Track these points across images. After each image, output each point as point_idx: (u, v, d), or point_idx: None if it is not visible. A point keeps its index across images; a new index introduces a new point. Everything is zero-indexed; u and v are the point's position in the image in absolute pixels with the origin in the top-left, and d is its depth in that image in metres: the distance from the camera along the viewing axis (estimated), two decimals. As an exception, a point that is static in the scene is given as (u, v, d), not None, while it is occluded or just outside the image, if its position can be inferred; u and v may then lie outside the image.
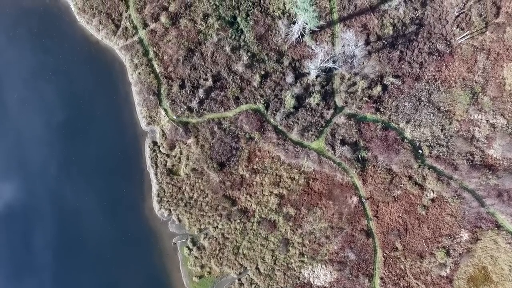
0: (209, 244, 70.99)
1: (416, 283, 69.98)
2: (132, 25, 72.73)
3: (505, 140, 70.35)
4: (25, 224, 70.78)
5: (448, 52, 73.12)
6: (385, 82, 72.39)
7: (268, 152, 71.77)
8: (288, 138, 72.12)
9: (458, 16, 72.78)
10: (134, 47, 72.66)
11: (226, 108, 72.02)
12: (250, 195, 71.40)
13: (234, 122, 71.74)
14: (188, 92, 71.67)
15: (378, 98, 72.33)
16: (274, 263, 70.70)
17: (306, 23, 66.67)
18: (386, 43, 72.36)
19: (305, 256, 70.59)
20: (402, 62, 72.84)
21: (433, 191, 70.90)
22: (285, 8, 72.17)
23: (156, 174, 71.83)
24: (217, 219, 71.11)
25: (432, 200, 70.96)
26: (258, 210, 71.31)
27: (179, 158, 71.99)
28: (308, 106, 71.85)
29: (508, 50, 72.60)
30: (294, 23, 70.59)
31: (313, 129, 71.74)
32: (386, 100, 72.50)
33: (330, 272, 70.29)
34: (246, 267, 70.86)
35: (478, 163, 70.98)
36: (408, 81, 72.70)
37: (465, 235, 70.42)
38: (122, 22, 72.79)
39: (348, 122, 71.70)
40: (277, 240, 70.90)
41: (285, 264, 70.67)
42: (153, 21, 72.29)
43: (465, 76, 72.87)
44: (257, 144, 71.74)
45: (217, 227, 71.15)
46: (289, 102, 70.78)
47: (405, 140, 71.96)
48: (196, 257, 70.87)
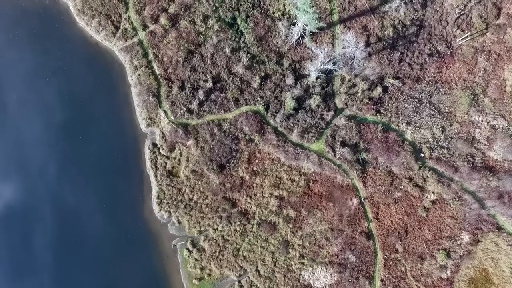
0: (209, 246, 70.77)
1: (416, 285, 69.73)
2: (131, 26, 72.56)
3: (506, 141, 70.12)
4: (25, 225, 70.46)
5: (448, 53, 72.90)
6: (385, 83, 72.17)
7: (268, 154, 71.59)
8: (288, 139, 71.91)
9: (458, 18, 72.58)
10: (134, 49, 72.47)
11: (226, 109, 71.81)
12: (250, 197, 71.19)
13: (234, 124, 71.53)
14: (188, 93, 71.48)
15: (378, 99, 72.12)
16: (274, 265, 70.47)
17: (306, 25, 66.46)
18: (386, 44, 72.14)
19: (305, 258, 70.36)
20: (402, 63, 72.64)
21: (433, 193, 70.68)
22: (285, 10, 71.98)
23: (155, 176, 71.62)
24: (217, 221, 70.91)
25: (433, 202, 70.72)
26: (258, 212, 71.11)
27: (179, 160, 71.81)
28: (308, 107, 71.65)
29: (508, 51, 72.38)
30: (294, 24, 70.38)
31: (313, 131, 71.53)
32: (387, 101, 72.27)
33: (331, 274, 70.07)
34: (246, 269, 70.65)
35: (479, 165, 70.78)
36: (408, 82, 72.48)
37: (465, 237, 70.22)
38: (122, 24, 72.62)
39: (348, 124, 71.49)
40: (277, 242, 70.69)
41: (285, 266, 70.45)
42: (152, 22, 72.12)
43: (466, 77, 72.67)
44: (257, 146, 71.54)
45: (217, 229, 70.93)
46: (289, 103, 70.59)
47: (405, 141, 71.74)
48: (196, 259, 70.64)
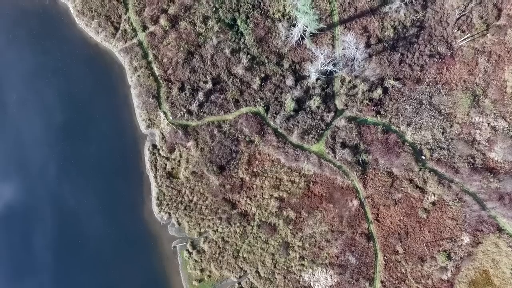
0: (209, 248, 70.62)
1: (417, 287, 69.54)
2: (131, 27, 72.40)
3: (507, 143, 70.01)
4: (24, 225, 70.34)
5: (449, 54, 72.79)
6: (385, 84, 72.02)
7: (268, 155, 71.44)
8: (288, 141, 71.75)
9: (459, 19, 72.45)
10: (134, 50, 72.31)
11: (226, 111, 71.66)
12: (250, 198, 71.04)
13: (234, 125, 71.37)
14: (188, 95, 71.32)
15: (378, 101, 71.97)
16: (274, 267, 70.31)
17: (307, 26, 66.30)
18: (386, 45, 71.98)
19: (306, 260, 70.22)
20: (402, 64, 72.49)
21: (434, 194, 70.55)
22: (285, 11, 71.83)
23: (155, 177, 71.46)
24: (217, 222, 70.75)
25: (433, 204, 70.59)
26: (258, 213, 70.96)
27: (179, 161, 71.66)
28: (308, 109, 71.49)
29: (509, 52, 72.24)
30: (294, 25, 70.22)
31: (313, 132, 71.38)
32: (387, 103, 72.12)
33: (331, 275, 69.93)
34: (246, 271, 70.51)
35: (479, 166, 70.65)
36: (409, 83, 72.36)
37: (466, 239, 70.08)
38: (121, 25, 72.46)
39: (348, 125, 71.35)
40: (277, 243, 70.54)
41: (285, 267, 70.29)
42: (152, 23, 71.95)
43: (466, 78, 72.53)
44: (257, 147, 71.39)
45: (217, 230, 70.77)
46: (289, 105, 70.45)
47: (405, 143, 71.61)
48: (196, 261, 70.48)
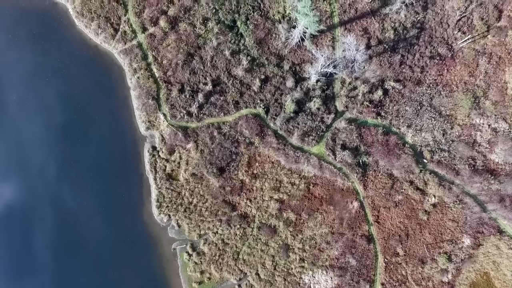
0: (209, 250, 70.43)
1: (417, 289, 69.58)
2: (131, 29, 72.20)
3: (507, 144, 69.82)
4: (24, 226, 70.19)
5: (449, 56, 72.61)
6: (386, 86, 71.85)
7: (268, 157, 71.24)
8: (289, 143, 71.56)
9: (459, 20, 72.28)
10: (133, 51, 72.12)
11: (226, 112, 71.46)
12: (250, 200, 70.85)
13: (234, 127, 71.18)
14: (188, 96, 71.13)
15: (379, 102, 71.78)
16: (275, 269, 70.13)
17: (307, 28, 66.12)
18: (387, 47, 71.81)
19: (306, 262, 70.02)
20: (403, 66, 72.33)
21: (434, 196, 70.37)
22: (285, 12, 71.63)
23: (155, 179, 71.27)
24: (217, 224, 70.56)
25: (434, 205, 70.40)
26: (258, 215, 70.77)
27: (179, 163, 71.46)
28: (308, 110, 71.31)
29: (510, 54, 72.08)
30: (294, 27, 70.01)
31: (313, 134, 71.19)
32: (387, 104, 71.94)
33: (331, 277, 69.74)
34: (246, 273, 70.31)
35: (480, 168, 70.45)
36: (409, 85, 72.17)
37: (467, 241, 69.89)
38: (121, 26, 72.27)
39: (348, 127, 71.16)
40: (277, 245, 70.36)
41: (285, 269, 70.10)
42: (152, 25, 71.77)
43: (467, 80, 72.34)
44: (257, 149, 71.20)
45: (217, 232, 70.58)
46: (289, 106, 70.26)
47: (406, 145, 71.43)
48: (196, 263, 70.30)
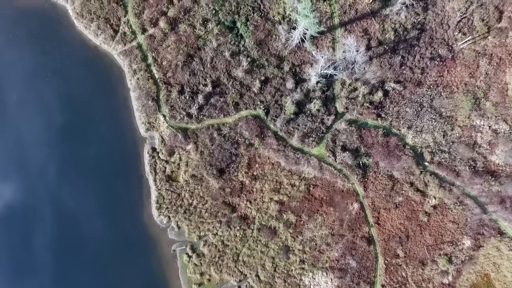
0: (209, 251, 70.31)
1: (417, 291, 69.45)
2: (130, 30, 72.05)
3: (508, 146, 69.64)
4: (23, 226, 70.23)
5: (450, 57, 72.40)
6: (386, 87, 71.67)
7: (268, 158, 71.09)
8: (289, 144, 71.41)
9: (460, 21, 72.07)
10: (133, 52, 71.97)
11: (226, 114, 71.30)
12: (250, 202, 70.72)
13: (233, 128, 71.03)
14: (187, 98, 70.98)
15: (379, 103, 71.60)
16: (275, 271, 69.98)
17: (307, 29, 65.91)
18: (387, 48, 71.62)
19: (306, 263, 69.89)
20: (403, 67, 72.14)
21: (435, 198, 70.21)
22: (285, 13, 71.41)
23: (155, 180, 71.17)
24: (216, 226, 70.44)
25: (434, 207, 70.24)
26: (258, 217, 70.63)
27: (178, 164, 71.33)
28: (308, 112, 71.14)
29: (510, 55, 71.83)
30: (294, 28, 69.83)
31: (313, 135, 71.03)
32: (388, 105, 71.77)
33: (331, 279, 69.61)
34: (246, 275, 70.18)
35: (481, 169, 70.28)
36: (409, 86, 71.99)
37: (467, 242, 69.73)
38: (121, 27, 72.11)
39: (349, 128, 71.00)
40: (277, 247, 70.21)
41: (285, 271, 69.96)
42: (152, 26, 71.62)
43: (467, 81, 72.17)
44: (257, 151, 71.04)
45: (216, 234, 70.46)
46: (290, 108, 70.10)
47: (406, 146, 71.25)
48: (196, 264, 70.19)
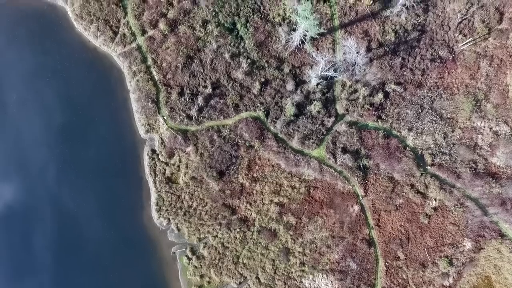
0: (209, 253, 70.17)
1: (418, 293, 69.27)
2: (130, 31, 71.78)
3: (509, 148, 69.43)
4: (23, 226, 70.22)
5: (450, 58, 72.14)
6: (386, 89, 71.41)
7: (268, 160, 70.90)
8: (289, 146, 71.20)
9: (460, 22, 71.82)
10: (132, 54, 71.75)
11: (226, 115, 71.09)
12: (250, 204, 70.54)
13: (233, 130, 70.82)
14: (187, 99, 70.78)
15: (379, 105, 71.38)
16: (275, 273, 69.85)
17: (307, 31, 65.69)
18: (387, 49, 71.35)
19: (306, 266, 69.76)
20: (404, 69, 71.89)
21: (435, 200, 70.01)
22: (285, 15, 71.12)
23: (154, 182, 70.99)
24: (216, 228, 70.28)
25: (435, 209, 70.05)
26: (258, 219, 70.46)
27: (178, 166, 71.15)
28: (308, 113, 70.91)
29: (511, 56, 71.58)
30: (294, 29, 69.58)
31: (314, 137, 70.83)
32: (388, 107, 71.54)
33: (331, 281, 69.45)
34: (246, 277, 70.05)
35: (481, 171, 70.09)
36: (410, 88, 71.76)
37: (468, 244, 69.57)
38: (120, 29, 71.89)
39: (349, 130, 70.77)
40: (277, 249, 70.06)
41: (285, 273, 69.81)
42: (151, 27, 71.36)
43: (468, 83, 71.95)
44: (257, 152, 70.84)
45: (216, 236, 70.32)
46: (290, 109, 69.89)
47: (407, 148, 71.04)
48: (196, 267, 70.09)
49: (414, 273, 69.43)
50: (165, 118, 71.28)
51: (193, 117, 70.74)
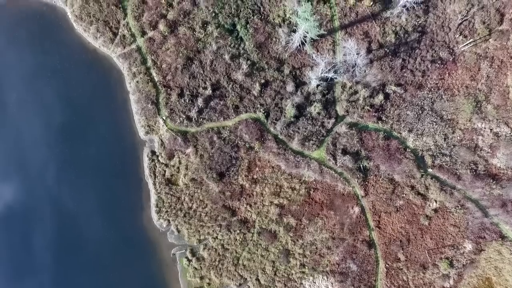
0: (209, 255, 70.02)
1: (418, 295, 69.10)
2: (130, 33, 71.61)
3: (509, 149, 69.28)
4: (23, 227, 70.09)
5: (451, 60, 72.02)
6: (387, 90, 71.28)
7: (268, 161, 70.74)
8: (289, 147, 71.03)
9: (461, 24, 71.69)
10: (132, 55, 71.58)
11: (226, 117, 70.93)
12: (250, 205, 70.38)
13: (233, 132, 70.66)
14: (187, 101, 70.62)
15: (380, 107, 71.25)
16: (275, 274, 69.70)
17: (307, 32, 65.52)
18: (388, 51, 71.18)
19: (306, 267, 69.60)
20: (404, 70, 71.75)
21: (436, 201, 69.87)
22: (285, 16, 70.94)
23: (154, 184, 70.83)
24: (216, 229, 70.11)
25: (435, 210, 69.92)
26: (258, 220, 70.31)
27: (178, 168, 70.99)
28: (309, 115, 70.75)
29: (512, 57, 71.63)
30: (294, 31, 69.42)
31: (314, 139, 70.67)
32: (388, 109, 71.39)
33: (332, 283, 69.30)
34: (246, 278, 69.90)
35: (482, 172, 69.94)
36: (410, 89, 71.60)
37: (468, 246, 69.43)
38: (120, 30, 71.72)
39: (349, 131, 70.63)
40: (277, 251, 69.91)
41: (285, 275, 69.65)
42: (151, 29, 71.18)
43: (468, 84, 71.80)
44: (257, 154, 70.69)
45: (216, 237, 70.16)
46: (290, 111, 69.73)
47: (407, 149, 70.88)
48: (196, 268, 69.96)
49: (415, 275, 69.28)
50: (165, 120, 71.15)
51: (193, 119, 70.58)
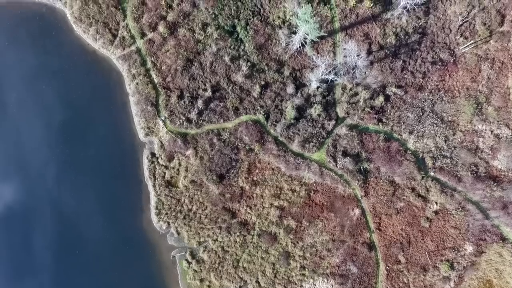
0: (209, 257, 69.86)
1: (419, 297, 68.90)
2: (129, 34, 71.50)
3: (510, 151, 69.08)
4: (23, 228, 70.11)
5: (451, 61, 71.83)
6: (387, 92, 71.13)
7: (269, 163, 70.55)
8: (289, 149, 70.86)
9: (461, 25, 71.51)
10: (132, 57, 71.44)
11: (226, 119, 70.77)
12: (250, 208, 70.21)
13: (233, 133, 70.49)
14: (187, 102, 70.46)
15: (380, 108, 71.07)
16: (275, 277, 69.52)
17: (307, 34, 65.33)
18: (388, 52, 71.04)
19: (306, 269, 69.41)
20: (404, 72, 71.57)
21: (436, 203, 69.66)
22: (285, 17, 70.82)
23: (154, 186, 70.73)
24: (216, 231, 69.96)
25: (436, 212, 69.70)
26: (258, 222, 70.13)
27: (178, 169, 70.84)
28: (309, 117, 70.60)
29: (512, 59, 71.40)
30: (294, 32, 69.26)
31: (314, 140, 70.49)
32: (389, 110, 71.22)
33: (332, 285, 69.14)
34: (246, 281, 69.71)
35: (483, 174, 69.73)
36: (411, 91, 71.43)
37: (469, 248, 69.23)
38: (120, 32, 71.57)
39: (350, 133, 70.45)
40: (277, 253, 69.74)
41: (286, 277, 69.47)
42: (151, 30, 71.06)
43: (469, 85, 71.60)
44: (257, 156, 70.52)
45: (216, 240, 70.00)
46: (290, 113, 69.56)
47: (408, 151, 70.69)
48: (195, 271, 69.79)
49: (415, 277, 69.09)
50: (165, 121, 70.98)
51: (193, 120, 70.44)
